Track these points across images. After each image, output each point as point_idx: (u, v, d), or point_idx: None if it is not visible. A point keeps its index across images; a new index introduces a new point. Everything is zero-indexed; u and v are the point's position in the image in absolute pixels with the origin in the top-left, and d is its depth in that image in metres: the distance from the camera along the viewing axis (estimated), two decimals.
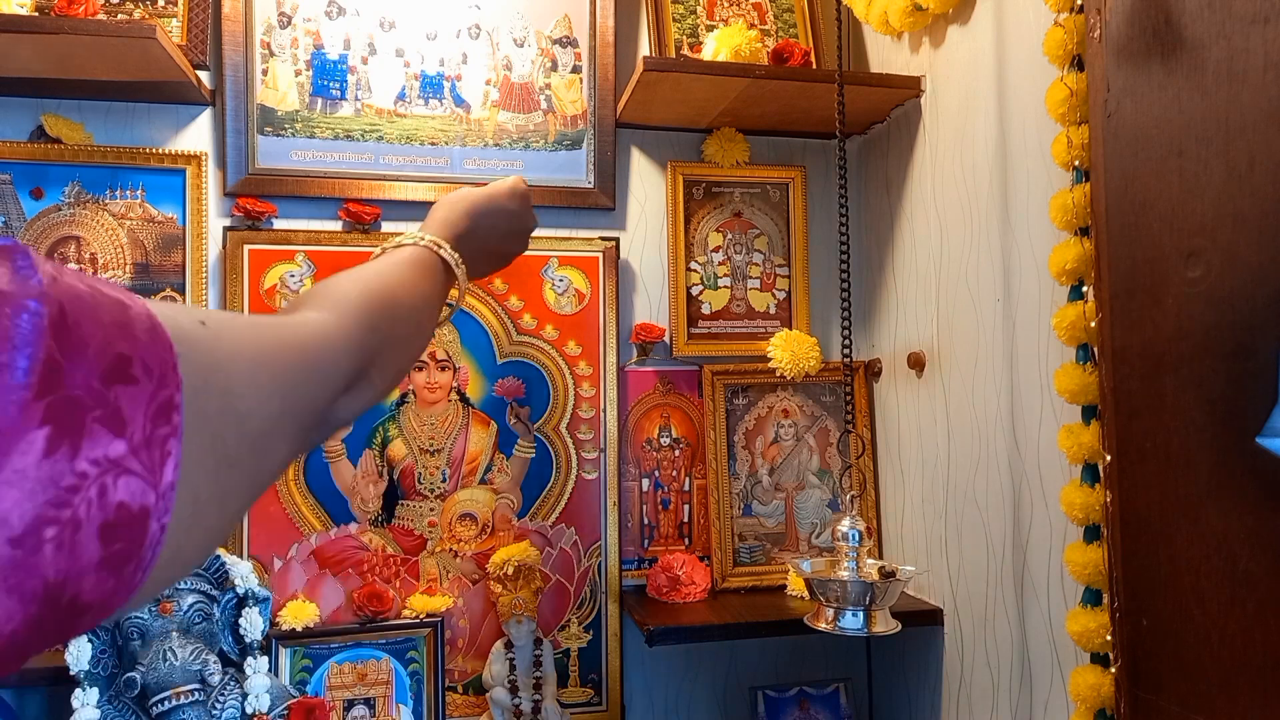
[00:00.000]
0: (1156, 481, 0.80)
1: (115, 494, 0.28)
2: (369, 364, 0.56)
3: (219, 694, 1.11)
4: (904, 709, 1.36)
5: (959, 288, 1.20)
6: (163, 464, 0.30)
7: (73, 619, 0.28)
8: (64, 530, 0.26)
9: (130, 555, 0.29)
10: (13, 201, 1.23)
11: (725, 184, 1.46)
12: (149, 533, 0.30)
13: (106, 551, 0.28)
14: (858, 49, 1.49)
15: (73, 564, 0.27)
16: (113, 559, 0.29)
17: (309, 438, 0.50)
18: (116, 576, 0.29)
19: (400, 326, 0.64)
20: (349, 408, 0.56)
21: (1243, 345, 0.71)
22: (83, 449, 0.27)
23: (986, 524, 1.14)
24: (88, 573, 0.28)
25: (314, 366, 0.48)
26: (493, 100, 1.37)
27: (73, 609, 0.28)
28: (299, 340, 0.47)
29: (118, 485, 0.28)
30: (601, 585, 1.36)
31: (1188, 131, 0.76)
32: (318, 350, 0.49)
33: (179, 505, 0.31)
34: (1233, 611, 0.72)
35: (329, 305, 0.55)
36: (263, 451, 0.40)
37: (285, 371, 0.44)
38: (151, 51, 1.11)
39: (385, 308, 0.61)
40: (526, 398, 1.36)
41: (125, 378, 0.29)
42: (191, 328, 0.35)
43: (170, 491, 0.31)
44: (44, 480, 0.26)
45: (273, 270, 1.29)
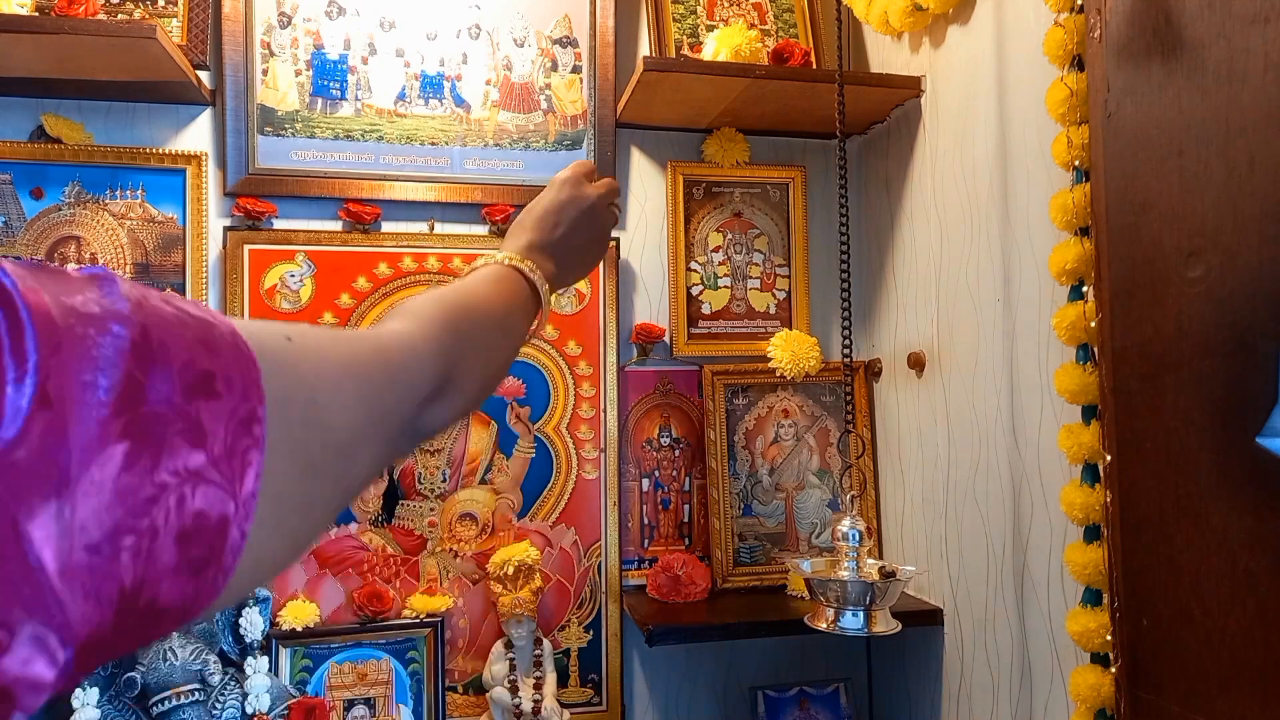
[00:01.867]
0: (1156, 481, 0.80)
1: (193, 503, 0.30)
2: (453, 371, 0.57)
3: (219, 694, 1.11)
4: (904, 709, 1.36)
5: (959, 288, 1.20)
6: (243, 474, 0.32)
7: (153, 620, 0.30)
8: (141, 539, 0.28)
9: (210, 560, 0.31)
10: (13, 201, 1.23)
11: (725, 184, 1.46)
12: (229, 539, 0.31)
13: (184, 557, 0.29)
14: (858, 49, 1.49)
15: (149, 569, 0.28)
16: (191, 564, 0.30)
17: (396, 447, 0.51)
18: (196, 580, 0.30)
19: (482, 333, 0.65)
20: (437, 416, 0.57)
21: (1243, 345, 0.71)
22: (162, 461, 0.28)
23: (986, 524, 1.14)
24: (165, 577, 0.29)
25: (397, 375, 0.49)
26: (493, 100, 1.37)
27: (151, 611, 0.29)
28: (381, 349, 0.49)
29: (196, 495, 0.30)
30: (601, 585, 1.36)
31: (1188, 131, 0.76)
32: (399, 358, 0.50)
33: (261, 512, 0.33)
34: (1233, 611, 0.72)
35: (408, 317, 0.56)
36: (348, 460, 0.42)
37: (368, 380, 0.45)
38: (151, 51, 1.12)
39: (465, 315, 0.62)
40: (527, 398, 1.36)
41: (208, 392, 0.31)
42: (276, 343, 0.37)
43: (251, 500, 0.32)
44: (122, 492, 0.27)
45: (273, 270, 1.29)
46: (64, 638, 0.26)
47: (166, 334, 0.30)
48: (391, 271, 1.33)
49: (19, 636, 0.25)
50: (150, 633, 0.30)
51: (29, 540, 0.25)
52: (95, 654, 0.28)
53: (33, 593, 0.25)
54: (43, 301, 0.27)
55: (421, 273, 1.33)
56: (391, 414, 0.48)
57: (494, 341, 0.68)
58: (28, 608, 0.25)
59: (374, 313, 1.32)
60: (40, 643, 0.26)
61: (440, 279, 1.33)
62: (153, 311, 0.30)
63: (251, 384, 0.33)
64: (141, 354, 0.29)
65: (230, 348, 0.33)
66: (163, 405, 0.29)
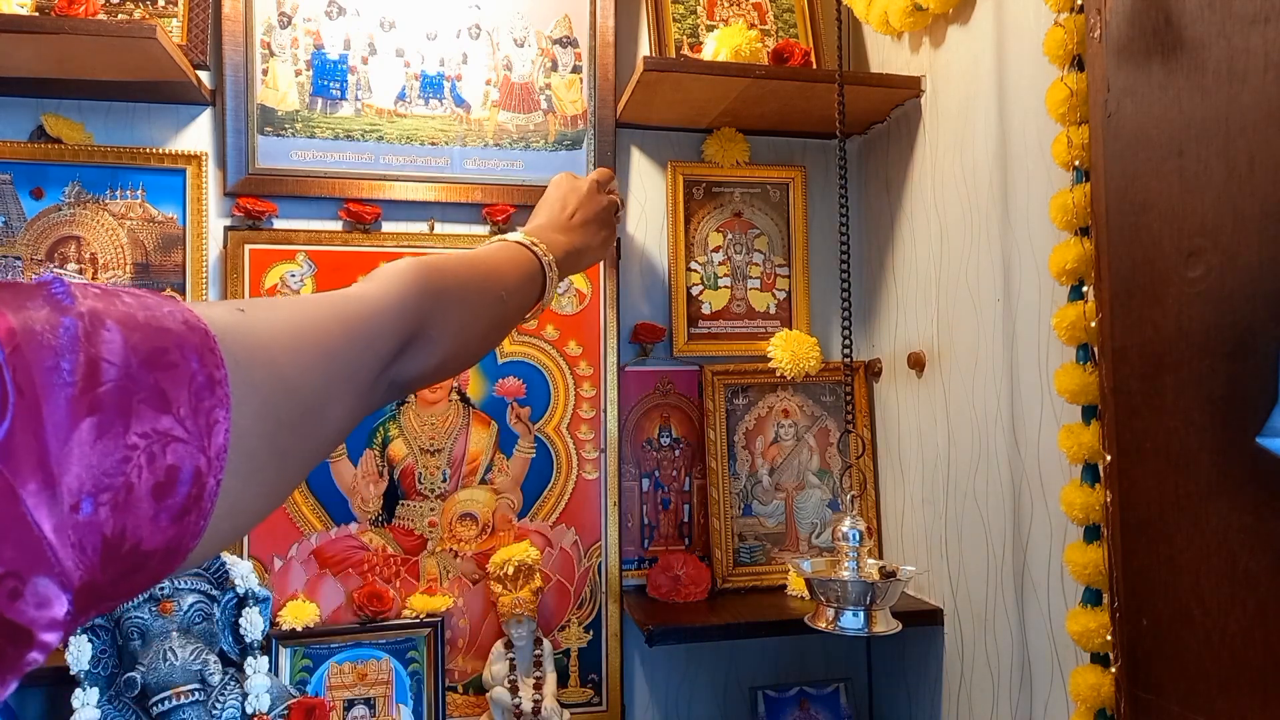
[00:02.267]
0: (1156, 481, 0.80)
1: (165, 459, 0.34)
2: (423, 325, 0.61)
3: (219, 694, 1.11)
4: (904, 709, 1.36)
5: (959, 288, 1.20)
6: (210, 429, 0.36)
7: (139, 563, 0.34)
8: (117, 494, 0.32)
9: (188, 507, 0.35)
10: (13, 201, 1.23)
11: (725, 184, 1.46)
12: (205, 488, 0.36)
13: (160, 505, 0.34)
14: (858, 49, 1.49)
15: (127, 518, 0.33)
16: (169, 510, 0.34)
17: (369, 399, 0.55)
18: (177, 525, 0.35)
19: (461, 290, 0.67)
20: (412, 368, 0.61)
21: (1243, 345, 0.71)
22: (131, 426, 0.33)
23: (986, 524, 1.14)
24: (144, 524, 0.34)
25: (354, 331, 0.53)
26: (493, 100, 1.37)
27: (135, 555, 0.34)
28: (338, 310, 0.52)
29: (167, 452, 0.34)
30: (601, 585, 1.36)
31: (1188, 131, 0.76)
32: (359, 316, 0.54)
33: (233, 463, 0.37)
34: (1233, 611, 0.72)
35: (378, 278, 0.60)
36: (318, 414, 0.46)
37: (327, 338, 0.49)
38: (151, 51, 1.11)
39: (440, 273, 0.65)
40: (527, 398, 1.36)
41: (165, 364, 0.35)
42: (228, 315, 0.41)
43: (223, 453, 0.37)
44: (97, 457, 0.32)
45: (273, 270, 1.29)
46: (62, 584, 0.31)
47: (117, 318, 0.34)
48: None
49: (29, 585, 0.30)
50: (140, 577, 0.35)
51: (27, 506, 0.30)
52: (92, 598, 0.33)
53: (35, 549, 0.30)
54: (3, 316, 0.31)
55: None
56: (356, 368, 0.52)
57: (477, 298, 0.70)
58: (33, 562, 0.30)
59: None
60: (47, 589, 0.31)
61: None
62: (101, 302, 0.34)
63: (206, 350, 0.37)
64: (95, 338, 0.33)
65: (180, 324, 0.37)
66: (124, 379, 0.33)
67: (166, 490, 0.34)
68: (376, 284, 0.59)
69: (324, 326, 0.49)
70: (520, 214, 1.37)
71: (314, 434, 0.46)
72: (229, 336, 0.39)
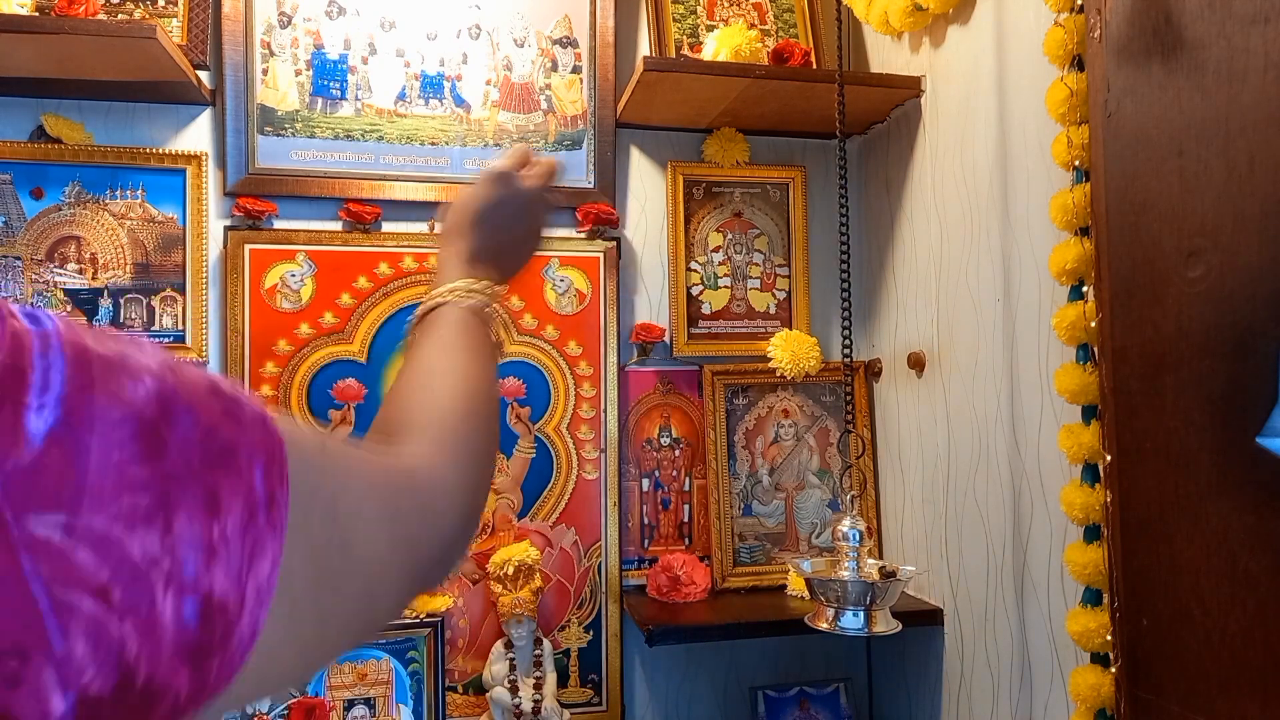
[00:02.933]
0: (1156, 481, 0.80)
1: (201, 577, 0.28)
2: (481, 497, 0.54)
3: None
4: (904, 709, 1.36)
5: (959, 288, 1.20)
6: (256, 558, 0.30)
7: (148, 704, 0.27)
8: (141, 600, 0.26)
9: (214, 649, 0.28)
10: (13, 201, 1.23)
11: (725, 184, 1.46)
12: (237, 629, 0.29)
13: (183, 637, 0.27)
14: (858, 49, 1.49)
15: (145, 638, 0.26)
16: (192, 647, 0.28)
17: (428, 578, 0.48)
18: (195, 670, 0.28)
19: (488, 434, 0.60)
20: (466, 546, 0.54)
21: (1243, 345, 0.71)
22: (173, 524, 0.27)
23: (986, 524, 1.14)
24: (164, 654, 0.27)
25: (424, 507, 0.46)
26: (493, 100, 1.37)
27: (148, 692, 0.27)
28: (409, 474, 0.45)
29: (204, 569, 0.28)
30: (601, 585, 1.36)
31: (1188, 131, 0.76)
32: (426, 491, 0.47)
33: (274, 610, 0.30)
34: (1233, 611, 0.72)
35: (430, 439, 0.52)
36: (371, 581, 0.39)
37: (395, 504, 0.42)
38: (152, 51, 1.11)
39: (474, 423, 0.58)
40: (527, 398, 1.36)
41: (229, 466, 0.29)
42: (308, 438, 0.35)
43: (266, 591, 0.30)
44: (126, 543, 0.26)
45: (273, 270, 1.29)
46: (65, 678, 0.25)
47: (193, 397, 0.29)
48: (392, 271, 1.33)
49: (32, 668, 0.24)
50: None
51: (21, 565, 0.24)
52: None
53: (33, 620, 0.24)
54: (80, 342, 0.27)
55: (422, 272, 1.33)
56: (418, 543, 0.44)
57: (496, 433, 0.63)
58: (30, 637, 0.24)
59: (375, 312, 1.31)
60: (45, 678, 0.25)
61: None
62: (183, 374, 0.30)
63: (275, 465, 0.31)
64: (167, 411, 0.28)
65: (258, 425, 0.31)
66: (182, 466, 0.28)
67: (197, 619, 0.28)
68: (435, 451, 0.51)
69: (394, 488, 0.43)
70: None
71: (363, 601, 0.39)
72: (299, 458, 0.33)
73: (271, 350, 1.28)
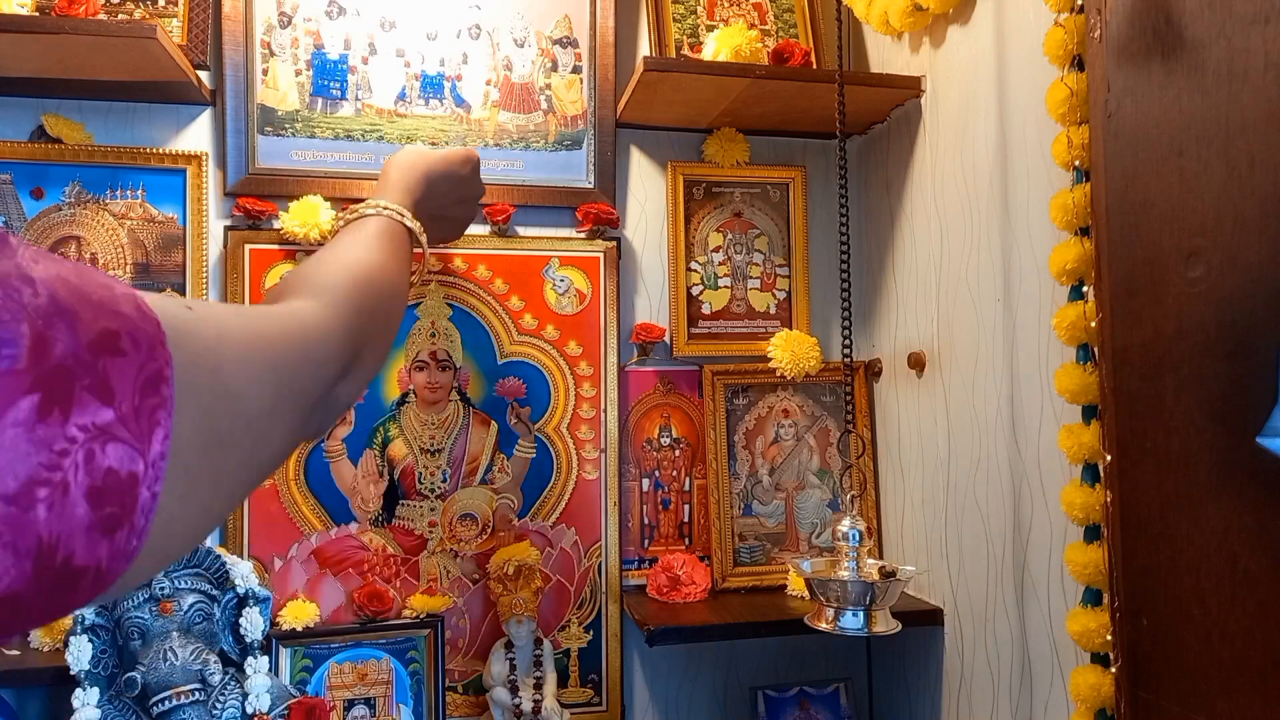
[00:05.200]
0: (1156, 481, 0.80)
1: (104, 460, 0.30)
2: (360, 349, 0.58)
3: (219, 694, 1.11)
4: (904, 709, 1.36)
5: (959, 288, 1.20)
6: (151, 433, 0.32)
7: (70, 582, 0.30)
8: (54, 490, 0.28)
9: (121, 520, 0.31)
10: (13, 201, 1.23)
11: (725, 184, 1.46)
12: (139, 499, 0.31)
13: (96, 514, 0.29)
14: (858, 49, 1.49)
15: (63, 524, 0.28)
16: (103, 522, 0.30)
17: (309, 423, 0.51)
18: (109, 540, 0.30)
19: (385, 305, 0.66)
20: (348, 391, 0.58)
21: (1243, 345, 0.71)
22: (72, 415, 0.29)
23: (986, 524, 1.14)
24: (78, 534, 0.29)
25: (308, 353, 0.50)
26: (493, 100, 1.37)
27: (67, 570, 0.29)
28: (290, 328, 0.49)
29: (106, 451, 0.30)
30: (601, 585, 1.36)
31: (1188, 131, 0.76)
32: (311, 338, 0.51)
33: (170, 476, 0.33)
34: (1233, 611, 0.72)
35: (318, 293, 0.57)
36: (259, 433, 0.42)
37: (277, 356, 0.45)
38: (152, 51, 1.12)
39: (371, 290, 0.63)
40: (527, 398, 1.36)
41: (113, 350, 0.31)
42: (177, 310, 0.37)
43: (160, 461, 0.32)
44: (36, 442, 0.28)
45: (274, 270, 1.29)
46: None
47: (69, 292, 0.30)
48: None
49: None
50: (68, 599, 0.30)
51: None
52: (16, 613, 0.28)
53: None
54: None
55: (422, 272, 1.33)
56: (303, 390, 0.48)
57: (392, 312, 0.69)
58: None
59: None
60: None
61: (440, 278, 1.33)
62: (52, 271, 0.30)
63: (157, 343, 0.33)
64: (46, 311, 0.29)
65: (133, 309, 0.33)
66: (70, 360, 0.29)
67: (103, 497, 0.30)
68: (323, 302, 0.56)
69: (272, 340, 0.46)
70: (520, 214, 1.37)
71: (253, 453, 0.42)
72: (177, 333, 0.35)
73: None
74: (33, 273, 0.29)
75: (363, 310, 0.59)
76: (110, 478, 0.30)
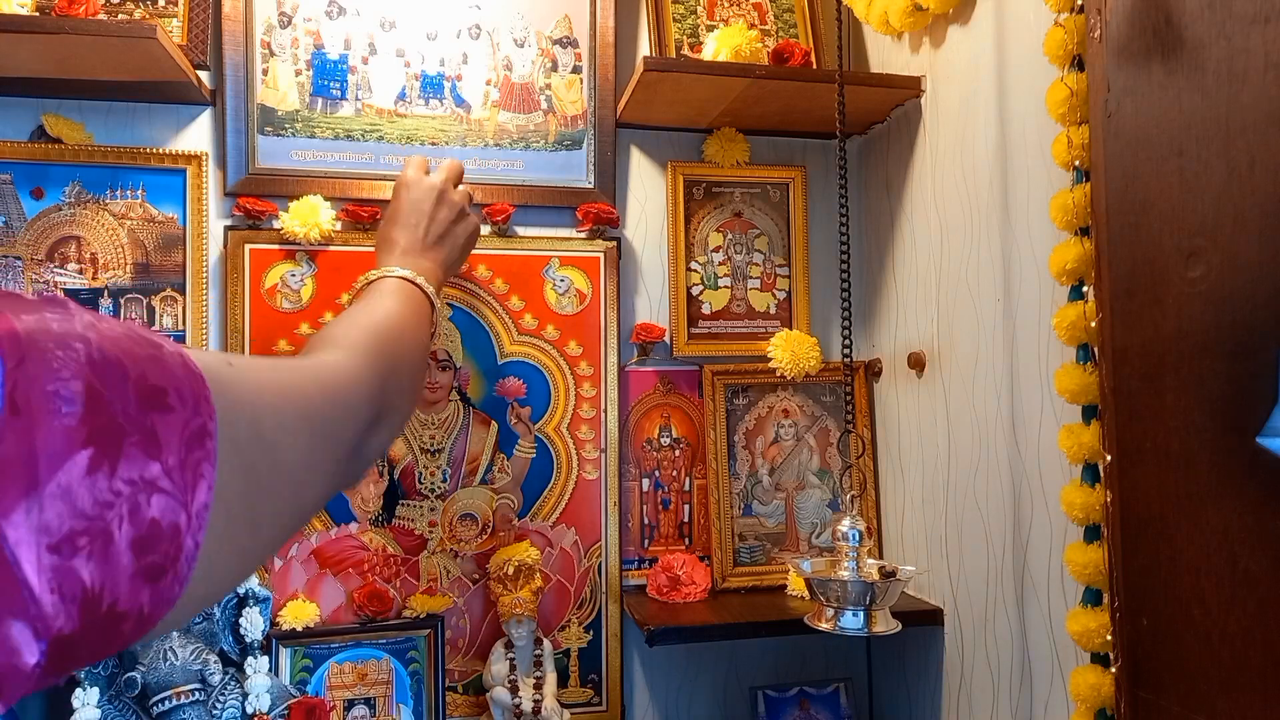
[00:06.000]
0: (1156, 481, 0.80)
1: (148, 511, 0.31)
2: (388, 397, 0.61)
3: (219, 694, 1.11)
4: (904, 709, 1.36)
5: (959, 288, 1.20)
6: (195, 485, 0.34)
7: (114, 626, 0.31)
8: (96, 541, 0.29)
9: (165, 569, 0.33)
10: (13, 201, 1.23)
11: (725, 184, 1.46)
12: (183, 548, 0.33)
13: (140, 563, 0.31)
14: (858, 49, 1.49)
15: (107, 572, 0.30)
16: (146, 570, 0.32)
17: (344, 473, 0.54)
18: (152, 587, 0.32)
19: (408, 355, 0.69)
20: (375, 443, 0.60)
21: (1243, 345, 0.71)
22: (120, 469, 0.30)
23: (986, 524, 1.14)
24: (123, 581, 0.31)
25: (338, 402, 0.52)
26: (493, 100, 1.37)
27: (112, 615, 0.31)
28: (322, 378, 0.51)
29: (150, 503, 0.31)
30: (602, 585, 1.36)
31: (1188, 131, 0.76)
32: (339, 387, 0.53)
33: (212, 525, 0.35)
34: (1233, 611, 0.72)
35: (343, 347, 0.59)
36: (297, 483, 0.44)
37: (311, 407, 0.47)
38: (152, 51, 1.12)
39: (392, 340, 0.66)
40: (527, 398, 1.36)
41: (161, 406, 0.33)
42: (220, 366, 0.39)
43: (204, 511, 0.34)
44: (84, 495, 0.29)
45: (274, 270, 1.29)
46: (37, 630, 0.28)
47: (119, 351, 0.32)
48: None
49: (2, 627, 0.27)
50: (112, 641, 0.32)
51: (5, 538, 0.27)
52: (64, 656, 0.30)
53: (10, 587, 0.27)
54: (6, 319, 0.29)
55: None
56: (336, 438, 0.50)
57: (417, 362, 0.73)
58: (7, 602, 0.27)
59: None
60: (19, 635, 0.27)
61: None
62: (105, 330, 0.32)
63: (202, 399, 0.35)
64: (99, 368, 0.31)
65: (180, 365, 0.35)
66: (121, 416, 0.31)
67: (147, 546, 0.31)
68: (347, 354, 0.58)
69: (306, 391, 0.48)
70: (520, 214, 1.37)
71: (291, 503, 0.44)
72: (219, 386, 0.37)
73: (272, 350, 1.28)
74: (88, 333, 0.31)
75: (386, 358, 0.62)
76: (154, 528, 0.32)
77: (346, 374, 0.55)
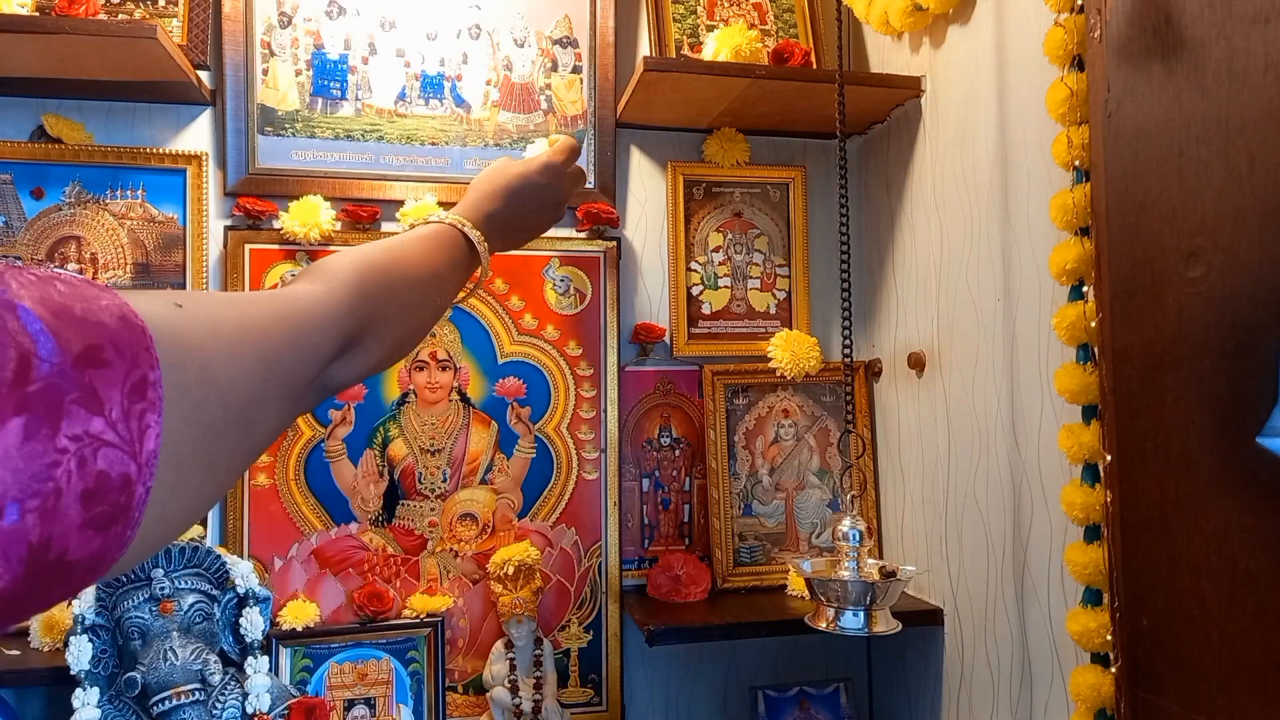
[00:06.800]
0: (1156, 481, 0.80)
1: (95, 464, 0.32)
2: (362, 331, 0.60)
3: (219, 694, 1.11)
4: (904, 709, 1.36)
5: (959, 288, 1.20)
6: (142, 435, 0.34)
7: (63, 573, 0.32)
8: (45, 500, 0.30)
9: (116, 516, 0.33)
10: (13, 201, 1.23)
11: (725, 184, 1.46)
12: (134, 496, 0.34)
13: (89, 514, 0.32)
14: (858, 49, 1.49)
15: (54, 526, 0.31)
16: (97, 520, 0.32)
17: (301, 404, 0.53)
18: (103, 535, 0.33)
19: (400, 294, 0.67)
20: (344, 373, 0.60)
21: (1243, 345, 0.71)
22: (61, 428, 0.31)
23: (986, 524, 1.14)
24: (71, 533, 0.31)
25: (297, 335, 0.51)
26: (493, 100, 1.37)
27: (61, 564, 0.32)
28: (281, 312, 0.51)
29: (97, 456, 0.32)
30: (602, 585, 1.36)
31: (1188, 131, 0.76)
32: (301, 320, 0.52)
33: (162, 470, 0.35)
34: (1233, 611, 0.72)
35: (321, 278, 0.59)
36: (250, 420, 0.44)
37: (265, 342, 0.47)
38: (152, 51, 1.12)
39: (382, 277, 0.64)
40: (527, 398, 1.36)
41: (98, 362, 0.33)
42: (165, 311, 0.39)
43: (152, 459, 0.35)
44: (25, 459, 0.30)
45: (274, 270, 1.29)
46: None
47: (52, 310, 0.32)
48: None
49: None
50: (60, 589, 0.33)
51: None
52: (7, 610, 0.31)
53: None
54: None
55: None
56: (293, 373, 0.50)
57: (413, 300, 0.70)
58: None
59: None
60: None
61: None
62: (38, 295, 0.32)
63: (142, 350, 0.35)
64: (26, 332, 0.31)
65: (117, 319, 0.35)
66: (55, 377, 0.31)
67: (96, 498, 0.32)
68: (321, 285, 0.57)
69: (263, 329, 0.48)
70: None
71: (244, 441, 0.44)
72: (165, 335, 0.37)
73: None
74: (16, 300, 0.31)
75: (366, 295, 0.60)
76: (102, 480, 0.32)
77: (314, 305, 0.55)
